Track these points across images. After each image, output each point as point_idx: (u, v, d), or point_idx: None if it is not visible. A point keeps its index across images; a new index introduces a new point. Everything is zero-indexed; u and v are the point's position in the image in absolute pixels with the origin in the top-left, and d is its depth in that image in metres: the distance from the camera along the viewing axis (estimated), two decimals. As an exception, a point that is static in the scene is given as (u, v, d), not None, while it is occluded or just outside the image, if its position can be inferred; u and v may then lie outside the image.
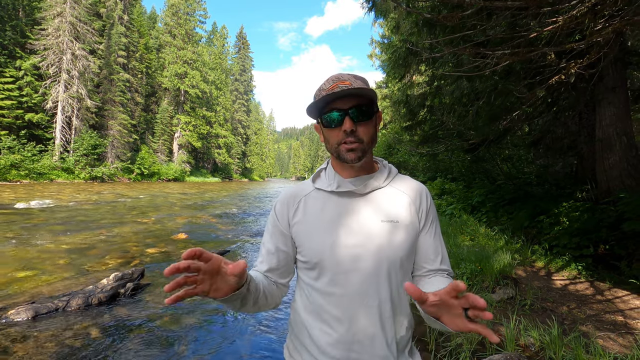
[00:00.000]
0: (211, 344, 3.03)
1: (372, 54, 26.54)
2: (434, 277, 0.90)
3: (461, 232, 6.44)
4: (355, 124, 0.84)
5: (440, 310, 0.66)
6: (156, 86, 45.02)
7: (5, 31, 26.58)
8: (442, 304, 0.65)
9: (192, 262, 0.62)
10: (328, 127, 0.87)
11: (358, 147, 0.84)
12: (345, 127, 0.83)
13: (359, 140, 0.84)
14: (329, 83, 0.86)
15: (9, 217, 8.93)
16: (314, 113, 0.90)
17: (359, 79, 0.86)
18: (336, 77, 0.86)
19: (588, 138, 5.72)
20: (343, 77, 0.85)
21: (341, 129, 0.84)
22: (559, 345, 2.45)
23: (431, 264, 0.92)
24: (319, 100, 0.83)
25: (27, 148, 25.92)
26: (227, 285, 0.70)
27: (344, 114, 0.83)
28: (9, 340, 2.90)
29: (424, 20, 5.00)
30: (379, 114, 0.91)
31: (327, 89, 0.85)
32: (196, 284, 0.65)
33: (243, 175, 70.65)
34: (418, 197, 0.92)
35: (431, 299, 0.64)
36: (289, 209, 0.93)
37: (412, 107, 8.16)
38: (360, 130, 0.84)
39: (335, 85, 0.83)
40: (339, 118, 0.84)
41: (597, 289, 3.84)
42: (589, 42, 3.18)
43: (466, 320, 0.62)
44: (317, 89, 0.89)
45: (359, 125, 0.84)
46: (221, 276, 0.69)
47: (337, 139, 0.86)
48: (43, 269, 4.85)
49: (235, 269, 0.66)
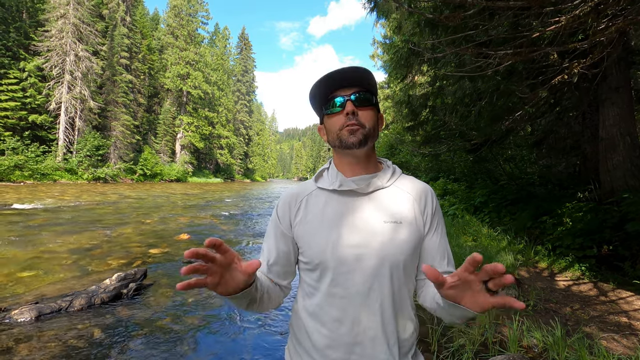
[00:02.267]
0: (213, 345, 3.04)
1: (374, 55, 26.52)
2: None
3: (464, 233, 6.42)
4: (357, 108, 0.86)
5: (460, 292, 0.66)
6: (159, 87, 45.16)
7: (9, 33, 26.74)
8: (462, 284, 0.64)
9: (210, 251, 0.63)
10: (330, 113, 0.89)
11: (359, 129, 0.85)
12: (347, 109, 0.85)
13: (361, 124, 0.86)
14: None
15: (12, 217, 8.98)
16: (317, 100, 0.92)
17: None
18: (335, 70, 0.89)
19: (591, 138, 5.70)
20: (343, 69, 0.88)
21: (343, 113, 0.86)
22: (563, 347, 2.44)
23: (437, 266, 0.90)
24: (322, 79, 0.86)
25: (30, 149, 26.07)
26: (235, 283, 0.69)
27: (346, 98, 0.86)
28: (13, 340, 2.91)
29: (426, 21, 4.99)
30: (380, 116, 0.92)
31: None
32: (207, 274, 0.65)
33: (245, 175, 70.76)
34: (423, 198, 0.91)
35: (450, 280, 0.64)
36: (291, 210, 0.92)
37: (414, 107, 8.14)
38: (362, 115, 0.86)
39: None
40: (341, 102, 0.86)
41: (600, 290, 3.82)
42: (592, 42, 3.16)
43: (488, 295, 0.62)
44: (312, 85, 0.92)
45: (360, 110, 0.86)
46: (230, 272, 0.68)
47: (340, 123, 0.87)
48: (46, 269, 4.87)
49: (249, 268, 0.67)
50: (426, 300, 0.88)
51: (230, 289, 0.70)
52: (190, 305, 3.86)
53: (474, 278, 0.62)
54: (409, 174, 1.00)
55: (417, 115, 8.32)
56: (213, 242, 0.62)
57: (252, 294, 0.76)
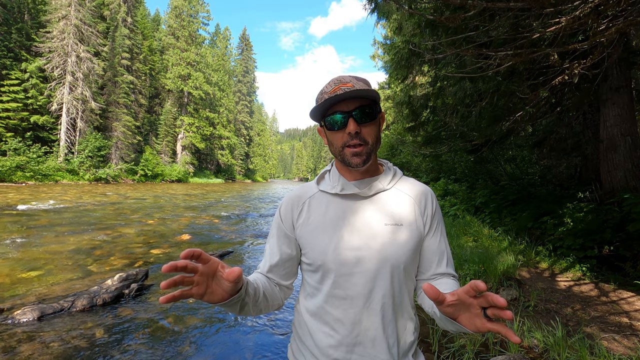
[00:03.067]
0: (215, 344, 3.05)
1: (374, 55, 26.54)
2: (440, 280, 0.90)
3: (464, 233, 6.41)
4: (359, 125, 0.83)
5: (458, 310, 0.66)
6: (160, 88, 45.25)
7: (11, 34, 26.83)
8: (460, 304, 0.64)
9: (189, 262, 0.61)
10: (331, 129, 0.86)
11: (363, 150, 0.84)
12: (350, 129, 0.82)
13: (364, 141, 0.84)
14: (330, 86, 0.85)
15: (14, 217, 9.00)
16: (317, 117, 0.89)
17: (360, 81, 0.86)
18: (338, 79, 0.86)
19: (592, 139, 5.70)
20: (345, 79, 0.85)
21: (345, 131, 0.84)
22: (563, 347, 2.44)
23: (437, 267, 0.91)
24: (321, 104, 0.83)
25: (32, 150, 26.12)
26: (222, 290, 0.69)
27: (348, 115, 0.83)
28: (15, 340, 2.93)
29: (426, 22, 5.00)
30: (382, 115, 0.91)
31: (329, 92, 0.84)
32: (192, 285, 0.64)
33: (246, 176, 70.80)
34: (423, 199, 0.92)
35: (449, 299, 0.64)
36: (293, 211, 0.93)
37: (415, 108, 8.15)
38: (365, 132, 0.84)
39: (338, 88, 0.83)
40: (342, 120, 0.83)
41: (601, 290, 3.82)
42: (593, 43, 3.17)
43: (485, 320, 0.62)
44: (319, 93, 0.89)
45: (363, 127, 0.84)
46: (217, 280, 0.68)
47: (342, 141, 0.85)
48: (48, 269, 4.89)
49: (231, 276, 0.65)
50: (424, 303, 0.89)
51: (218, 297, 0.69)
52: (191, 306, 3.87)
53: (473, 302, 0.63)
54: (409, 175, 1.01)
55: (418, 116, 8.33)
56: (191, 253, 0.61)
57: (242, 300, 0.75)
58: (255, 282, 0.86)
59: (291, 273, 0.97)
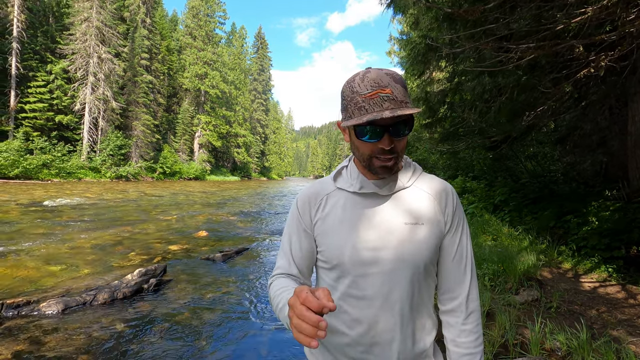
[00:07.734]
0: (232, 340, 3.09)
1: (390, 51, 26.24)
2: (452, 330, 0.90)
3: (483, 232, 6.28)
4: (395, 139, 0.77)
5: None
6: (177, 87, 46.14)
7: (37, 37, 27.90)
8: None
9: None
10: (361, 137, 0.78)
11: (393, 163, 0.79)
12: (384, 144, 0.75)
13: (395, 154, 0.79)
14: (366, 87, 0.73)
15: (41, 214, 9.37)
16: (348, 108, 0.78)
17: (398, 82, 0.74)
18: (375, 81, 0.73)
19: (619, 134, 5.46)
20: (383, 83, 0.73)
21: (377, 145, 0.77)
22: (588, 350, 2.35)
23: (453, 267, 0.87)
24: (356, 112, 0.75)
25: (57, 148, 27.16)
26: None
27: (384, 130, 0.75)
28: (41, 331, 3.04)
29: (444, 15, 4.88)
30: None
31: (364, 95, 0.73)
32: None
33: (262, 174, 71.42)
34: (444, 197, 0.88)
35: None
36: (311, 207, 0.91)
37: (432, 104, 8.00)
38: (397, 144, 0.78)
39: (376, 94, 0.72)
40: (378, 132, 0.75)
41: (629, 292, 3.66)
42: (621, 33, 3.02)
43: None
44: (348, 88, 0.77)
45: (397, 141, 0.78)
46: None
47: (370, 151, 0.79)
48: (72, 264, 5.06)
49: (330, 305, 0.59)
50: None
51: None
52: (208, 301, 3.93)
53: None
54: (427, 172, 0.98)
55: (435, 112, 8.18)
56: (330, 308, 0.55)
57: None
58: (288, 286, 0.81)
59: (311, 268, 0.95)
